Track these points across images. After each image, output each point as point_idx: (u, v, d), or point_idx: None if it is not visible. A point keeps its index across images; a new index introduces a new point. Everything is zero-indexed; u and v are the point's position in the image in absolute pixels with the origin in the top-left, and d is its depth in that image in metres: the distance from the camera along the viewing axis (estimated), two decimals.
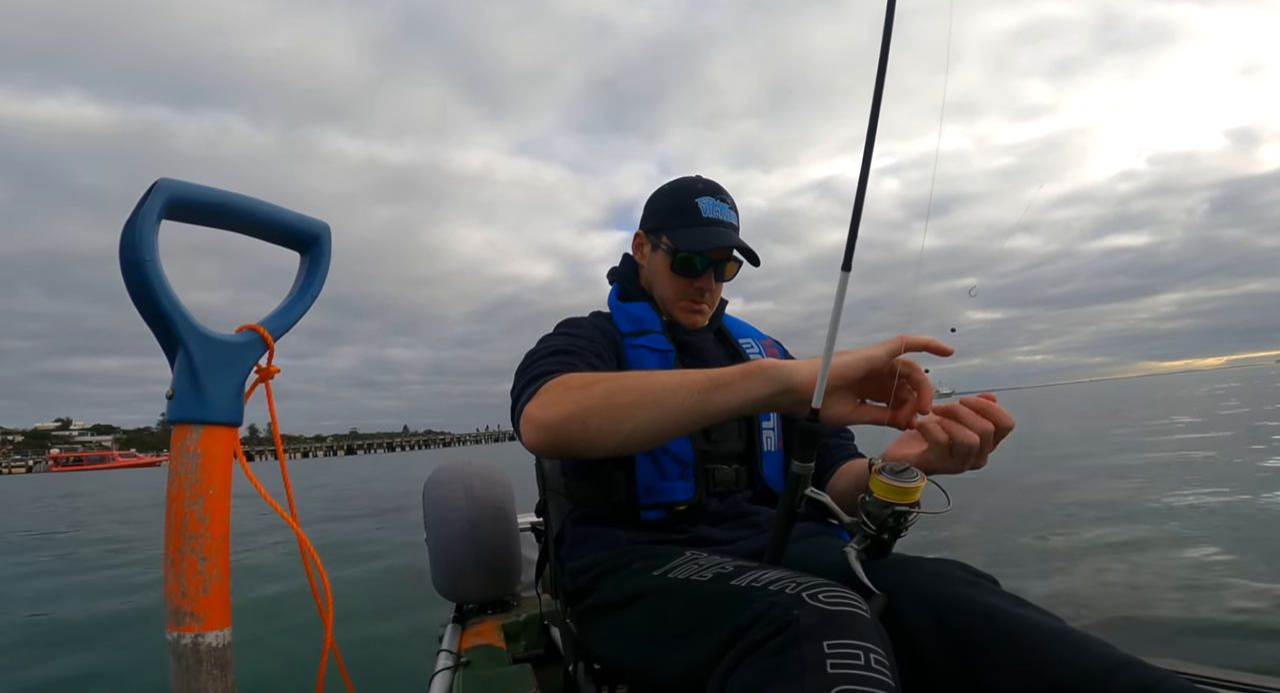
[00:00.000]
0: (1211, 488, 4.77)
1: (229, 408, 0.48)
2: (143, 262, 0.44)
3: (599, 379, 0.72)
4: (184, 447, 0.47)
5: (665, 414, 0.67)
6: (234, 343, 0.49)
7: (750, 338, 1.07)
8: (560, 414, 0.69)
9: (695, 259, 0.96)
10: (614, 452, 0.70)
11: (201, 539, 0.47)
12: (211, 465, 0.47)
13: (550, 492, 1.06)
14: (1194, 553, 3.12)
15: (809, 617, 0.53)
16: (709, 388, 0.66)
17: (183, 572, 0.47)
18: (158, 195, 0.45)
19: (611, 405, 0.68)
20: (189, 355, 0.47)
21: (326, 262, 0.56)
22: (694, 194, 0.99)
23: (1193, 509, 4.11)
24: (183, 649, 0.47)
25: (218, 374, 0.48)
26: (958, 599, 0.62)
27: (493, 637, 1.37)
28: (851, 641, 0.50)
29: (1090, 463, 6.94)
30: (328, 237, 0.55)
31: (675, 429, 0.68)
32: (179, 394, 0.47)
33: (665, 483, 0.89)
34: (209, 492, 0.47)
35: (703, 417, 0.67)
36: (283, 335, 0.53)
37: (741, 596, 0.59)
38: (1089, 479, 5.88)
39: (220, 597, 0.49)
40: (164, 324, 0.46)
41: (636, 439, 0.69)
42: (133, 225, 0.45)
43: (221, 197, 0.49)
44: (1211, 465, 6.00)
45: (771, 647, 0.52)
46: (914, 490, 0.61)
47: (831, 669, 0.48)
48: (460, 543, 1.50)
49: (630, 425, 0.67)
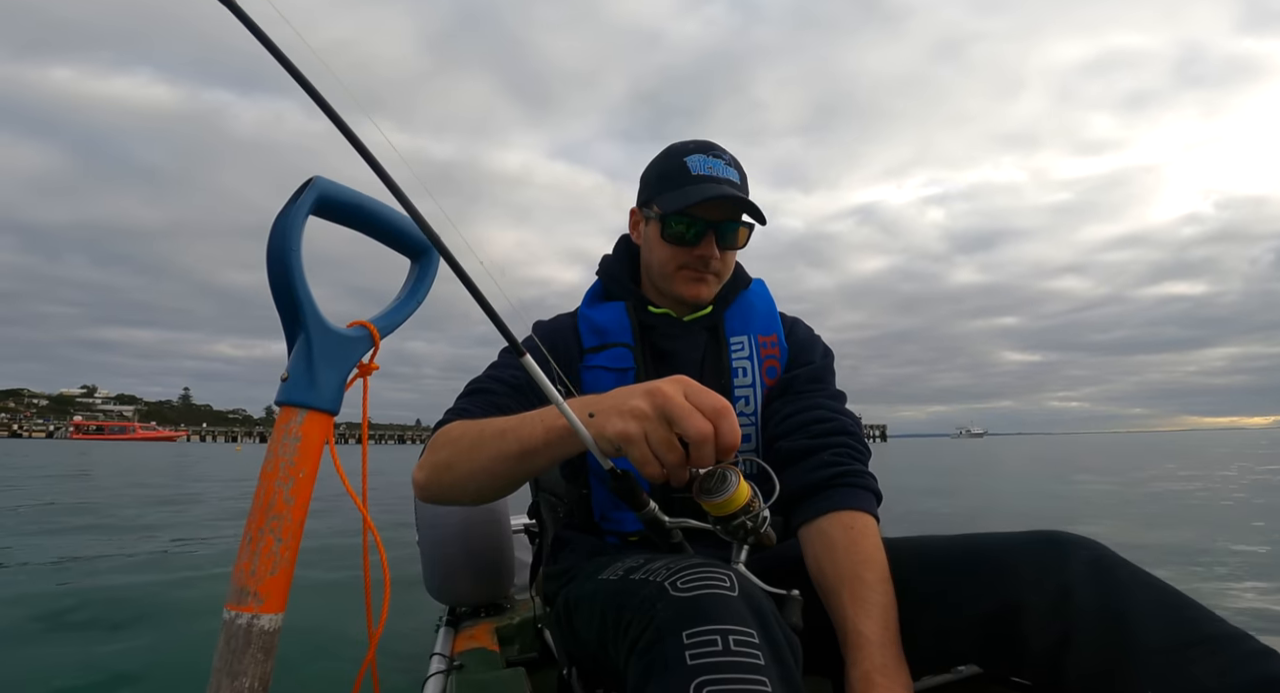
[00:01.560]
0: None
1: (332, 397, 0.51)
2: (289, 250, 0.48)
3: (453, 444, 0.73)
4: (287, 428, 0.49)
5: (493, 481, 0.70)
6: (348, 337, 0.52)
7: (745, 336, 0.94)
8: (423, 478, 0.75)
9: (687, 223, 0.86)
10: (475, 499, 0.73)
11: (283, 520, 0.48)
12: (308, 450, 0.49)
13: (542, 494, 1.05)
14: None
15: (667, 609, 0.53)
16: (520, 456, 0.66)
17: (258, 550, 0.48)
18: (311, 192, 0.49)
19: (453, 476, 0.72)
20: (309, 343, 0.49)
21: (434, 271, 0.59)
22: (683, 154, 0.90)
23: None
24: (236, 629, 0.48)
25: (329, 364, 0.50)
26: (1114, 558, 0.63)
27: (486, 640, 1.34)
28: (708, 626, 0.50)
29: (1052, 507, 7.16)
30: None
31: (509, 489, 0.72)
32: (293, 377, 0.49)
33: (618, 513, 0.88)
34: (299, 475, 0.49)
35: (525, 477, 0.70)
36: (388, 335, 0.55)
37: (631, 591, 0.60)
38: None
39: (284, 580, 0.49)
40: (294, 310, 0.49)
41: (483, 499, 0.73)
42: (285, 217, 0.48)
43: (360, 199, 0.53)
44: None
45: (642, 645, 0.53)
46: (730, 501, 0.58)
47: (691, 661, 0.49)
48: (452, 545, 1.48)
49: (470, 490, 0.72)
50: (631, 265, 0.99)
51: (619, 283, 0.96)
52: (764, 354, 0.93)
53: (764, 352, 0.93)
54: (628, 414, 0.55)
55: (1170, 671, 0.56)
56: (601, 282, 0.99)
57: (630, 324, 0.92)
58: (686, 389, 0.55)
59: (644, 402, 0.54)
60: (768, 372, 0.92)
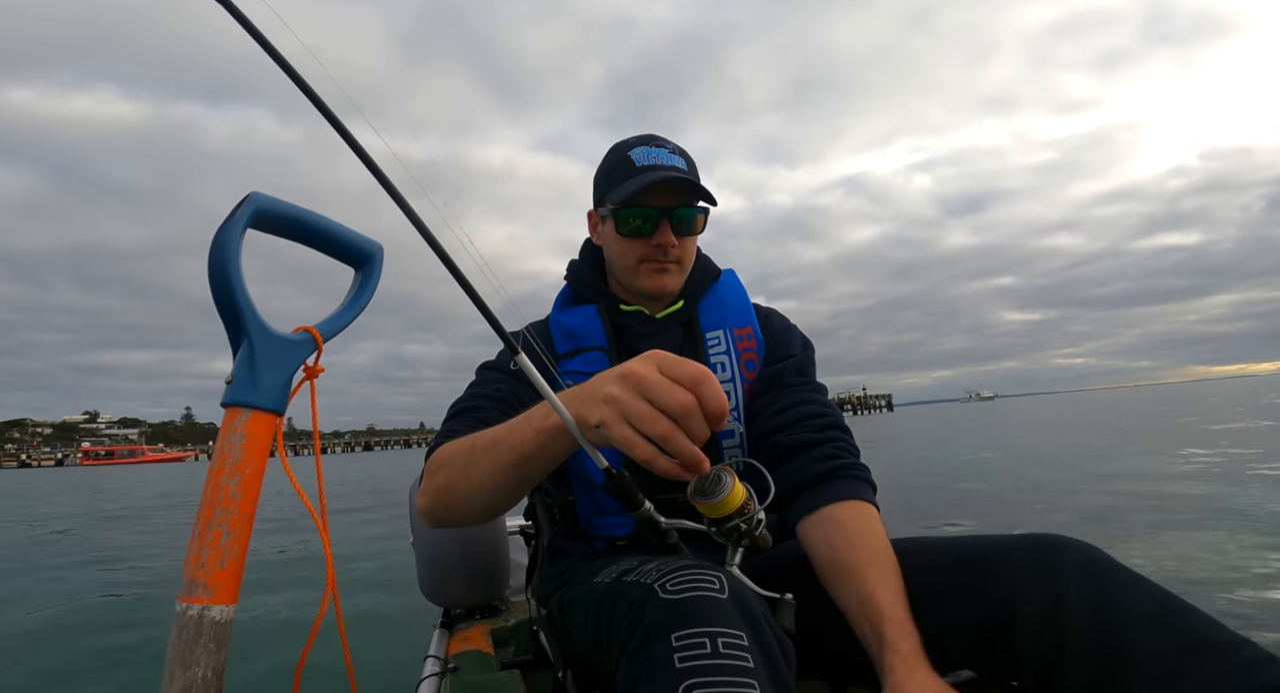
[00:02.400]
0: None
1: (276, 397, 0.54)
2: (227, 262, 0.51)
3: (449, 465, 0.73)
4: (232, 427, 0.52)
5: (495, 497, 0.69)
6: (289, 340, 0.55)
7: (720, 330, 0.94)
8: (426, 504, 0.74)
9: (641, 215, 0.87)
10: (480, 517, 0.73)
11: (230, 515, 0.52)
12: (253, 447, 0.52)
13: (539, 495, 1.05)
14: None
15: (656, 611, 0.53)
16: (517, 464, 0.64)
17: (206, 544, 0.51)
18: (247, 206, 0.53)
19: (456, 497, 0.71)
20: (251, 346, 0.53)
21: (377, 278, 0.62)
22: (626, 149, 0.91)
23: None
24: (187, 620, 0.50)
25: (271, 366, 0.54)
26: (1106, 561, 0.62)
27: (481, 642, 1.34)
28: (697, 629, 0.50)
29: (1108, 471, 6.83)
30: (380, 256, 0.62)
31: (514, 499, 0.71)
32: (237, 380, 0.52)
33: (604, 518, 0.88)
34: (246, 471, 0.52)
35: (527, 485, 0.68)
36: (331, 339, 0.59)
37: (622, 593, 0.59)
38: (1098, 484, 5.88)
39: (233, 573, 0.52)
40: (236, 318, 0.52)
41: (494, 512, 0.72)
42: (223, 231, 0.52)
43: (298, 212, 0.56)
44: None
45: (632, 647, 0.53)
46: (725, 503, 0.58)
47: (679, 664, 0.48)
48: (448, 546, 1.48)
49: (476, 509, 0.71)
50: (598, 267, 0.99)
51: (588, 285, 0.97)
52: (741, 347, 0.93)
53: (741, 345, 0.93)
54: (602, 401, 0.53)
55: (1168, 678, 0.54)
56: (570, 286, 0.99)
57: (603, 326, 0.92)
58: (660, 363, 0.53)
59: (616, 386, 0.53)
60: (746, 365, 0.92)
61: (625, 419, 0.51)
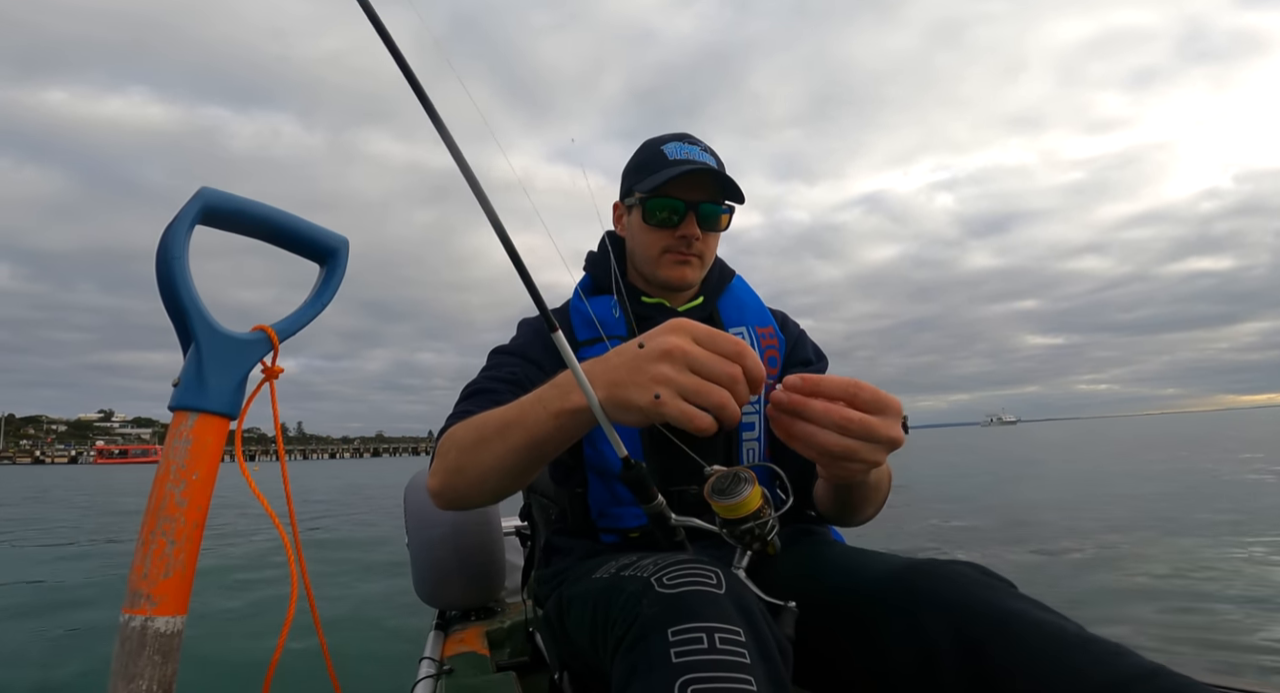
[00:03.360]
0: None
1: (227, 400, 0.52)
2: (173, 259, 0.49)
3: (460, 444, 0.72)
4: (178, 432, 0.50)
5: (511, 474, 0.67)
6: (240, 339, 0.53)
7: (744, 326, 0.94)
8: (437, 485, 0.74)
9: (669, 206, 0.88)
10: (493, 498, 0.72)
11: (175, 523, 0.49)
12: (200, 453, 0.50)
13: (534, 495, 1.04)
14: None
15: (652, 606, 0.52)
16: (531, 446, 0.63)
17: (150, 553, 0.49)
18: (195, 202, 0.51)
19: (467, 479, 0.70)
20: (198, 347, 0.51)
21: (341, 274, 0.60)
22: (659, 144, 0.93)
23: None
24: (130, 632, 0.48)
25: (221, 367, 0.51)
26: (975, 602, 0.58)
27: (476, 644, 1.33)
28: (694, 624, 0.49)
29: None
30: (345, 251, 0.60)
31: (526, 480, 0.70)
32: (184, 383, 0.50)
33: (618, 509, 0.87)
34: (192, 478, 0.50)
35: (539, 466, 0.67)
36: (289, 338, 0.56)
37: (619, 588, 0.58)
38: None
39: (180, 583, 0.50)
40: (182, 317, 0.50)
41: (501, 496, 0.71)
42: (170, 228, 0.50)
43: (252, 207, 0.54)
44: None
45: (628, 642, 0.52)
46: (742, 505, 0.57)
47: (676, 659, 0.48)
48: (443, 547, 1.48)
49: (488, 489, 0.70)
50: (619, 258, 0.98)
51: (609, 275, 0.96)
52: (764, 345, 0.94)
53: (764, 342, 0.94)
54: (650, 383, 0.52)
55: None
56: (591, 275, 0.98)
57: (624, 316, 0.92)
58: (695, 335, 0.53)
59: (665, 365, 0.52)
60: (769, 362, 0.92)
61: (681, 394, 0.52)
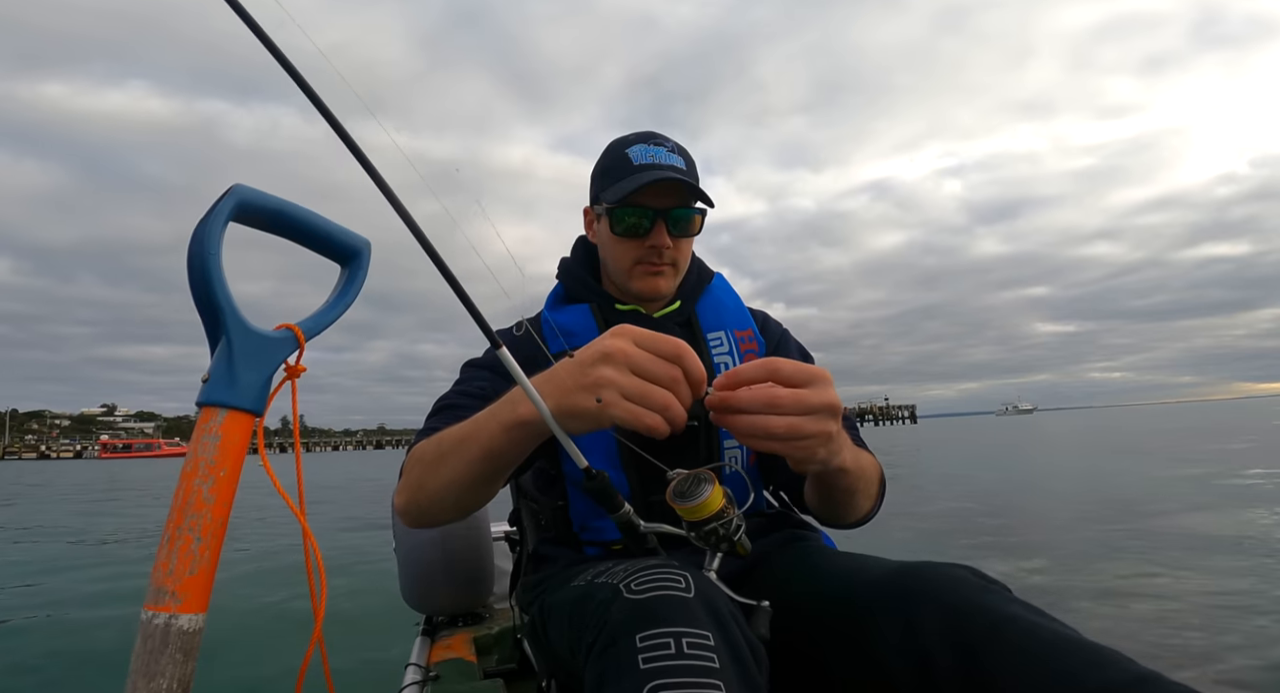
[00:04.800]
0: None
1: (254, 397, 0.51)
2: (207, 255, 0.49)
3: (423, 462, 0.72)
4: (207, 428, 0.50)
5: (471, 488, 0.68)
6: (270, 338, 0.53)
7: (723, 331, 0.92)
8: (402, 502, 0.74)
9: (637, 214, 0.85)
10: (456, 514, 0.72)
11: (202, 519, 0.49)
12: (228, 449, 0.50)
13: (524, 500, 1.04)
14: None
15: (620, 611, 0.52)
16: (485, 458, 0.64)
17: (176, 549, 0.49)
18: (230, 198, 0.51)
19: (428, 494, 0.70)
20: (229, 344, 0.51)
21: (363, 275, 0.60)
22: (624, 146, 0.89)
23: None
24: (153, 629, 0.48)
25: (250, 365, 0.51)
26: (969, 606, 0.57)
27: (463, 650, 1.32)
28: (661, 629, 0.50)
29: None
30: (368, 252, 0.60)
31: (488, 494, 0.71)
32: (213, 378, 0.50)
33: (599, 521, 0.86)
34: (220, 474, 0.50)
35: (500, 478, 0.68)
36: (313, 338, 0.56)
37: (591, 595, 0.59)
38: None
39: (204, 580, 0.50)
40: (214, 314, 0.50)
41: (467, 508, 0.71)
42: (204, 224, 0.50)
43: (283, 206, 0.54)
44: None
45: (598, 649, 0.52)
46: (703, 506, 0.56)
47: (644, 665, 0.48)
48: (430, 552, 1.46)
49: (450, 505, 0.70)
50: (592, 265, 0.97)
51: (582, 283, 0.95)
52: (743, 349, 0.92)
53: (743, 346, 0.92)
54: (594, 384, 0.53)
55: None
56: (563, 284, 0.97)
57: (597, 325, 0.90)
58: (637, 339, 0.54)
59: (607, 368, 0.53)
60: None
61: (624, 396, 0.53)
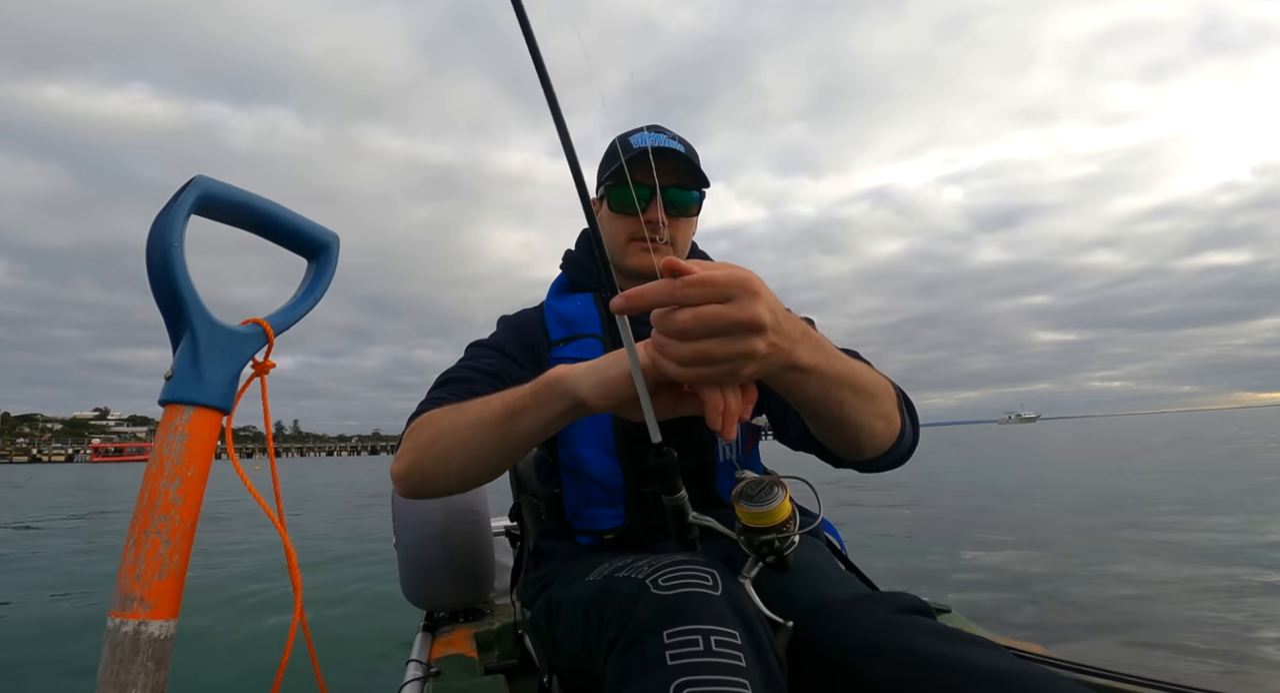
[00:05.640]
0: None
1: (221, 394, 0.50)
2: (169, 248, 0.47)
3: (433, 423, 0.70)
4: (172, 426, 0.48)
5: (479, 454, 0.65)
6: (236, 332, 0.51)
7: None
8: (403, 466, 0.70)
9: (634, 188, 0.85)
10: (458, 487, 0.69)
11: (170, 521, 0.48)
12: (195, 448, 0.48)
13: (524, 495, 1.03)
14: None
15: (647, 607, 0.52)
16: (506, 418, 0.61)
17: (143, 553, 0.47)
18: (192, 190, 0.49)
19: (435, 454, 0.67)
20: (194, 339, 0.49)
21: (332, 269, 0.59)
22: (627, 136, 0.92)
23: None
24: (121, 637, 0.46)
25: (217, 360, 0.50)
26: (879, 645, 0.56)
27: (464, 646, 1.31)
28: (690, 626, 0.49)
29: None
30: (336, 246, 0.59)
31: (496, 464, 0.66)
32: (177, 375, 0.49)
33: (592, 510, 0.86)
34: (188, 474, 0.48)
35: (511, 448, 0.64)
36: (282, 332, 0.55)
37: (613, 590, 0.58)
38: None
39: (174, 585, 0.48)
40: (177, 307, 0.49)
41: (467, 480, 0.68)
42: (165, 215, 0.48)
43: (247, 198, 0.53)
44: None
45: (621, 644, 0.52)
46: (770, 514, 0.56)
47: (671, 661, 0.47)
48: (431, 548, 1.46)
49: (454, 470, 0.67)
50: (601, 254, 0.99)
51: (585, 273, 0.95)
52: None
53: None
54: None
55: None
56: (567, 274, 0.97)
57: (599, 314, 0.90)
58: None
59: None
60: None
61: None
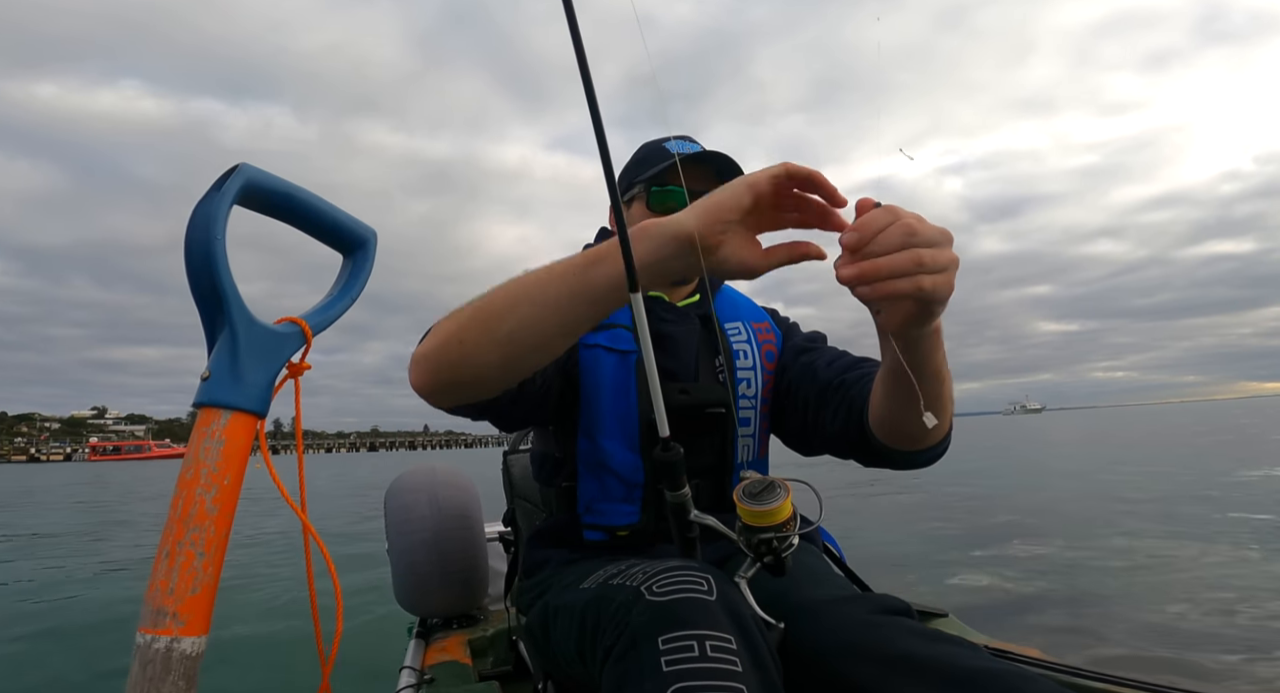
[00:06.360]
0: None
1: (259, 397, 0.47)
2: (211, 240, 0.44)
3: (471, 303, 0.63)
4: (209, 431, 0.45)
5: (543, 307, 0.58)
6: (277, 333, 0.48)
7: (740, 322, 0.95)
8: (437, 341, 0.62)
9: (674, 192, 0.87)
10: (499, 368, 0.62)
11: (205, 533, 0.45)
12: (232, 455, 0.45)
13: (518, 500, 1.03)
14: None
15: (642, 614, 0.51)
16: (586, 266, 0.56)
17: (177, 566, 0.44)
18: (236, 178, 0.46)
19: (485, 313, 0.60)
20: (234, 338, 0.46)
21: (370, 266, 0.57)
22: (661, 141, 0.94)
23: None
24: (153, 654, 0.43)
25: (256, 362, 0.47)
26: (858, 646, 0.56)
27: (458, 653, 1.30)
28: (685, 632, 0.49)
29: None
30: (374, 242, 0.57)
31: (559, 323, 0.59)
32: (215, 376, 0.46)
33: (607, 504, 0.85)
34: (224, 482, 0.45)
35: (586, 301, 0.57)
36: (320, 333, 0.52)
37: (608, 597, 0.57)
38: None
39: (206, 600, 0.45)
40: (216, 303, 0.46)
41: (519, 344, 0.60)
42: (207, 203, 0.45)
43: (290, 189, 0.50)
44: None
45: (618, 652, 0.51)
46: (772, 513, 0.55)
47: (667, 668, 0.47)
48: (424, 553, 1.44)
49: (507, 328, 0.59)
50: None
51: None
52: (761, 339, 0.95)
53: (760, 336, 0.95)
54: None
55: None
56: None
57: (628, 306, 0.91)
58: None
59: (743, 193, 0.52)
60: (766, 356, 0.93)
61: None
